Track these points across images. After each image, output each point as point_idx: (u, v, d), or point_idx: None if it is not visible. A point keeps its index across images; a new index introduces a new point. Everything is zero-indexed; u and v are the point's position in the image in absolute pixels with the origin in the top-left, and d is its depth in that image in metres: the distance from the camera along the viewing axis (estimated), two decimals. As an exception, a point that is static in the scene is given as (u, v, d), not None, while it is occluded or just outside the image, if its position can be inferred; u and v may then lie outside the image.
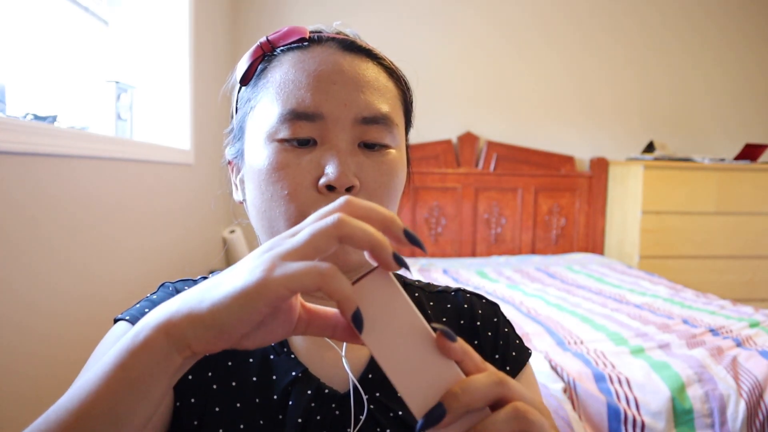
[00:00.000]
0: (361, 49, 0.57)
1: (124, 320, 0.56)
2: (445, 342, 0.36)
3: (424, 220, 3.13)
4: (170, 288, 0.61)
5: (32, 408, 1.15)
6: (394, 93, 0.58)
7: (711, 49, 3.42)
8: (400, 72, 0.62)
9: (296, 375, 0.55)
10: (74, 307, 1.35)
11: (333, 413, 0.55)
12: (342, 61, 0.55)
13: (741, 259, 3.01)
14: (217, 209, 2.75)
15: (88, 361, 0.54)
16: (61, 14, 1.76)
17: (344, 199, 0.36)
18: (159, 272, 1.91)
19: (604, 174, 3.26)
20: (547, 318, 1.92)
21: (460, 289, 0.68)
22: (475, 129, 3.24)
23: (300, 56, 0.55)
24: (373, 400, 0.56)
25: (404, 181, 0.59)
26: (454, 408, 0.35)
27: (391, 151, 0.56)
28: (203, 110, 2.39)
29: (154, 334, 0.35)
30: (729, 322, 1.85)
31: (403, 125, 0.61)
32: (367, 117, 0.54)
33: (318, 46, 0.56)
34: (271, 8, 3.07)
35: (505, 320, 0.67)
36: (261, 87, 0.57)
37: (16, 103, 1.47)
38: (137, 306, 0.59)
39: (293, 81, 0.54)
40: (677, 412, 1.35)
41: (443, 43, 3.22)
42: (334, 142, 0.53)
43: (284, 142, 0.53)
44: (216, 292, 0.35)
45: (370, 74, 0.56)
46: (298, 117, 0.53)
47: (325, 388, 0.55)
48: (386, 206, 0.55)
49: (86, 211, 1.42)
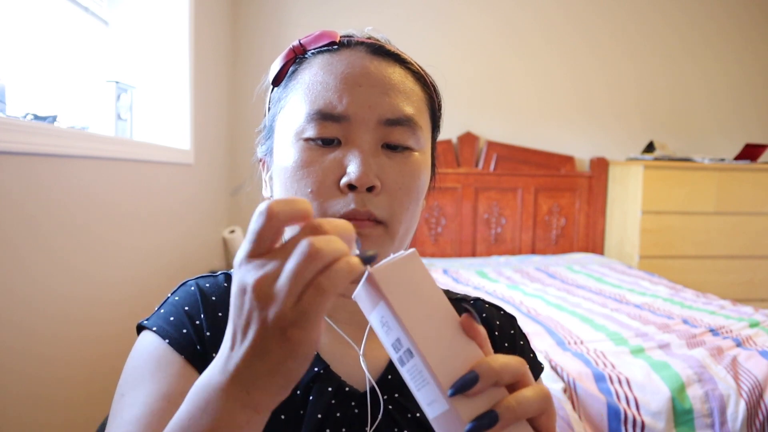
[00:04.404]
0: (389, 53, 0.59)
1: (152, 331, 0.57)
2: (472, 322, 0.38)
3: (424, 220, 3.13)
4: (192, 288, 0.61)
5: (32, 408, 1.15)
6: (420, 96, 0.59)
7: (711, 49, 3.42)
8: (429, 77, 0.63)
9: (318, 371, 0.57)
10: (74, 307, 1.35)
11: (352, 411, 0.56)
12: (369, 64, 0.56)
13: (741, 259, 3.01)
14: (217, 209, 2.75)
15: (125, 377, 0.55)
16: (61, 14, 1.76)
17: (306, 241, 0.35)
18: (159, 272, 1.91)
19: (604, 174, 3.26)
20: (547, 318, 1.92)
21: (479, 299, 0.70)
22: (475, 129, 3.24)
23: (329, 59, 0.57)
24: (392, 400, 0.58)
25: (427, 184, 0.61)
26: (486, 376, 0.36)
27: (414, 153, 0.57)
28: (203, 110, 2.39)
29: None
30: (729, 322, 1.85)
31: (429, 128, 0.61)
32: (391, 119, 0.55)
33: (347, 49, 0.58)
34: (272, 8, 3.06)
35: (521, 333, 0.69)
36: (291, 88, 0.59)
37: (16, 103, 1.46)
38: (161, 312, 0.59)
39: (321, 82, 0.56)
40: (677, 412, 1.35)
41: (443, 42, 3.22)
42: (357, 142, 0.54)
43: (310, 141, 0.55)
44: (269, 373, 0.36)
45: (396, 77, 0.57)
46: (324, 117, 0.54)
47: (346, 386, 0.57)
48: (406, 207, 0.56)
49: (86, 211, 1.42)
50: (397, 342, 0.38)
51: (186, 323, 0.57)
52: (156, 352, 0.55)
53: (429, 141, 0.61)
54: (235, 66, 3.00)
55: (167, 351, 0.55)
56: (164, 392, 0.51)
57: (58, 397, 1.25)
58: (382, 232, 0.55)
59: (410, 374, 0.38)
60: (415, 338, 0.37)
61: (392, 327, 0.37)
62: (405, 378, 0.38)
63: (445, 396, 0.36)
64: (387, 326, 0.38)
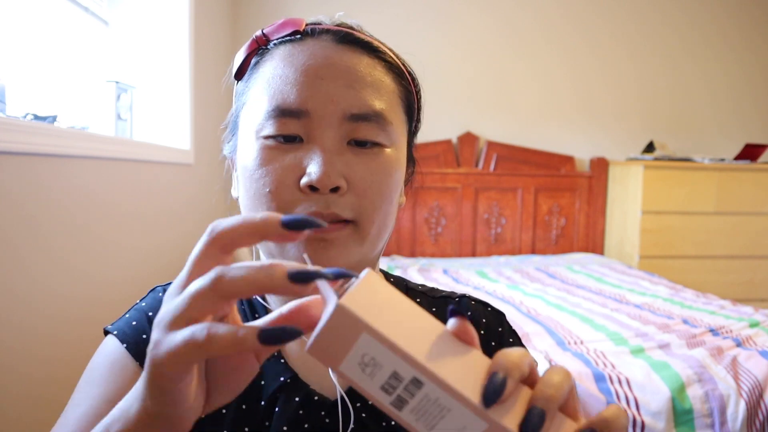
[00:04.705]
0: (358, 41, 0.54)
1: (113, 335, 0.56)
2: (465, 326, 0.33)
3: (424, 220, 3.13)
4: (160, 294, 0.60)
5: (32, 408, 1.15)
6: (392, 88, 0.55)
7: (711, 49, 3.42)
8: (405, 66, 0.58)
9: (284, 381, 0.54)
10: (74, 307, 1.35)
11: (322, 421, 0.53)
12: (333, 54, 0.52)
13: (741, 259, 3.01)
14: (216, 208, 2.75)
15: (82, 377, 0.54)
16: (61, 14, 1.76)
17: (214, 271, 0.31)
18: (159, 272, 1.91)
19: (604, 174, 3.25)
20: (547, 318, 1.92)
21: (465, 296, 0.66)
22: (475, 129, 3.24)
23: (291, 50, 0.53)
24: (366, 408, 0.55)
25: (401, 181, 0.56)
26: (512, 373, 0.31)
27: (386, 150, 0.53)
28: (203, 110, 2.39)
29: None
30: (729, 322, 1.85)
31: (404, 122, 0.57)
32: (357, 114, 0.51)
33: (311, 39, 0.54)
34: (271, 8, 3.07)
35: (510, 330, 0.65)
36: (252, 82, 0.55)
37: (16, 103, 1.47)
38: (126, 317, 0.58)
39: (281, 76, 0.52)
40: (677, 412, 1.35)
41: (443, 42, 3.22)
42: (319, 140, 0.50)
43: (270, 138, 0.51)
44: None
45: (363, 68, 0.52)
46: (283, 114, 0.50)
47: (315, 395, 0.54)
48: (378, 207, 0.52)
49: (86, 211, 1.42)
50: (392, 379, 0.31)
51: (146, 329, 0.55)
52: (112, 355, 0.54)
53: (403, 135, 0.57)
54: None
55: (123, 355, 0.54)
56: (110, 397, 0.50)
57: (58, 397, 1.25)
58: (351, 232, 0.51)
59: (418, 412, 0.31)
60: (423, 361, 0.30)
61: (382, 362, 0.31)
62: (407, 423, 0.31)
63: (480, 412, 0.30)
64: (372, 365, 0.31)
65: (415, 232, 3.13)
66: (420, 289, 0.66)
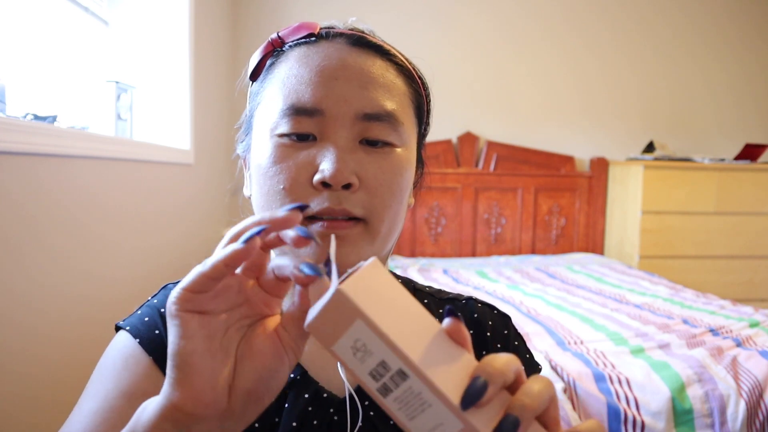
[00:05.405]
0: (371, 44, 0.56)
1: (125, 330, 0.56)
2: (459, 327, 0.35)
3: (424, 220, 3.14)
4: (171, 291, 0.60)
5: (32, 408, 1.15)
6: (403, 90, 0.56)
7: (711, 49, 3.42)
8: (416, 70, 0.60)
9: (294, 377, 0.55)
10: (74, 307, 1.35)
11: (331, 418, 0.54)
12: (347, 56, 0.54)
13: (741, 259, 3.01)
14: (217, 209, 2.74)
15: (94, 372, 0.55)
16: (61, 14, 1.76)
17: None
18: (159, 272, 1.91)
19: (604, 174, 3.25)
20: (547, 318, 1.92)
21: (472, 298, 0.67)
22: (475, 129, 3.24)
23: (306, 51, 0.55)
24: (374, 407, 0.55)
25: (411, 181, 0.58)
26: (494, 379, 0.32)
27: (397, 149, 0.54)
28: (203, 110, 2.39)
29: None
30: (729, 322, 1.85)
31: (414, 123, 0.58)
32: (369, 113, 0.52)
33: (326, 41, 0.55)
34: (271, 8, 3.07)
35: (516, 333, 0.66)
36: (268, 82, 0.56)
37: (16, 103, 1.47)
38: (138, 313, 0.58)
39: (296, 76, 0.53)
40: (677, 412, 1.35)
41: (443, 43, 3.22)
42: (332, 138, 0.51)
43: (284, 137, 0.52)
44: None
45: (376, 70, 0.54)
46: (298, 112, 0.52)
47: (324, 392, 0.54)
48: (389, 205, 0.53)
49: (86, 211, 1.42)
50: (380, 367, 0.32)
51: (159, 325, 0.56)
52: (125, 350, 0.55)
53: (413, 137, 0.58)
54: (235, 66, 2.99)
55: (136, 350, 0.54)
56: (125, 390, 0.51)
57: (58, 397, 1.25)
58: (361, 231, 0.52)
59: (401, 402, 0.33)
60: (410, 355, 0.32)
61: (373, 350, 0.32)
62: (390, 409, 0.33)
63: (457, 413, 0.32)
64: (363, 351, 0.32)
65: (415, 232, 3.13)
66: (428, 291, 0.67)
